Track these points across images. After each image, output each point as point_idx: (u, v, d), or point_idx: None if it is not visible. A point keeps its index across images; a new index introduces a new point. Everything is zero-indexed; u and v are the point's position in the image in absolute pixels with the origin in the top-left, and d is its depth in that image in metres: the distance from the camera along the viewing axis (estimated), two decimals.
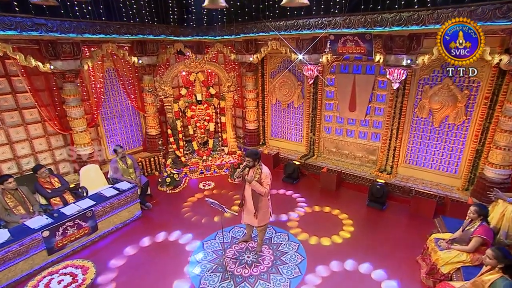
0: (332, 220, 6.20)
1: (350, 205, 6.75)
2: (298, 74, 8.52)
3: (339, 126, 8.17)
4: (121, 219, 6.08)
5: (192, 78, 8.44)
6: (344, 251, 5.27)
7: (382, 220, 6.22)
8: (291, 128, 9.13)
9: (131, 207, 6.23)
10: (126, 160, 6.67)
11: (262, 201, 4.75)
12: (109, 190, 6.08)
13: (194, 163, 8.52)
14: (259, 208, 4.76)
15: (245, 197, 4.86)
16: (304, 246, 5.37)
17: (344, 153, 8.27)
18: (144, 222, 6.28)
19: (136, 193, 6.33)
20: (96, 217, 5.61)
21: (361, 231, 5.84)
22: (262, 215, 4.85)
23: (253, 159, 4.57)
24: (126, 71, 8.32)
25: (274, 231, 5.81)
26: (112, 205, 5.87)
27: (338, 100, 7.96)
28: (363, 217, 6.34)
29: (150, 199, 7.07)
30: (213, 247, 5.42)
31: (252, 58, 8.48)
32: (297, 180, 7.93)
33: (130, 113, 8.77)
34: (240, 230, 5.87)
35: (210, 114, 8.72)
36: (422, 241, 5.28)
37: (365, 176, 7.49)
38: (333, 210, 6.57)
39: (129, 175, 6.65)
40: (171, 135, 8.24)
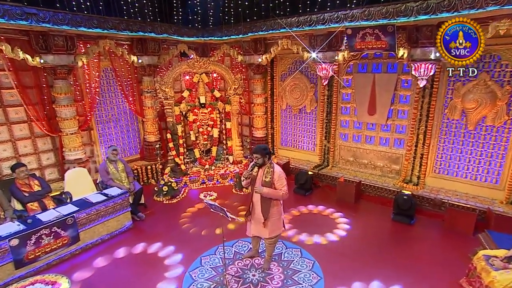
0: (353, 237, 5.45)
1: (372, 219, 6.04)
2: (311, 76, 8.04)
3: (357, 132, 7.56)
4: (108, 229, 5.42)
5: (195, 79, 7.97)
6: (369, 270, 4.52)
7: (412, 236, 5.46)
8: (303, 135, 8.56)
9: (120, 216, 5.59)
10: (117, 163, 6.11)
11: (274, 206, 4.12)
12: (96, 196, 5.48)
13: (195, 172, 7.92)
14: (270, 216, 4.12)
15: (253, 203, 4.23)
16: (321, 264, 4.61)
17: (363, 162, 7.60)
18: (134, 233, 5.62)
19: (127, 200, 5.72)
20: (78, 226, 4.96)
21: (387, 248, 5.07)
22: (273, 224, 4.19)
23: (262, 155, 3.98)
24: (124, 72, 7.91)
25: (284, 246, 5.08)
26: (98, 212, 5.23)
27: (355, 103, 7.41)
28: (389, 232, 5.59)
29: (143, 209, 6.44)
30: (212, 263, 4.70)
31: (260, 59, 8.08)
32: (310, 192, 7.27)
33: (127, 118, 8.30)
34: (245, 245, 5.16)
35: (214, 119, 8.20)
36: (463, 261, 4.54)
37: (388, 188, 6.77)
38: (353, 225, 5.81)
39: (120, 181, 6.08)
40: (170, 140, 7.68)
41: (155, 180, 7.81)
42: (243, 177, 4.07)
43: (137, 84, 8.18)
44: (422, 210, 6.24)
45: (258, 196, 4.07)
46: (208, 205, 4.08)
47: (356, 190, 6.77)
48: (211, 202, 4.03)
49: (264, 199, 4.03)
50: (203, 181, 7.74)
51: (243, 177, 4.08)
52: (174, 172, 7.73)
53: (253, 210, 4.23)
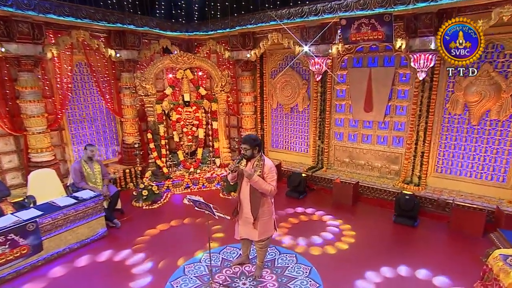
0: (353, 239, 5.12)
1: (372, 222, 5.76)
2: (303, 72, 7.82)
3: (353, 131, 7.34)
4: (78, 237, 4.95)
5: (179, 75, 7.64)
6: (373, 277, 4.16)
7: (416, 239, 5.18)
8: (295, 136, 8.30)
9: (92, 222, 5.13)
10: (93, 164, 5.68)
11: (264, 205, 3.80)
12: (65, 199, 5.02)
13: (179, 176, 7.51)
14: (260, 215, 3.80)
15: (240, 201, 3.91)
16: (319, 271, 4.25)
17: (360, 163, 7.36)
18: (109, 242, 5.17)
19: (101, 204, 5.27)
20: (42, 233, 4.48)
21: (390, 252, 4.76)
22: (263, 225, 3.86)
23: (251, 146, 3.68)
24: (101, 67, 7.54)
25: (278, 252, 4.71)
26: (67, 217, 4.77)
27: (351, 100, 7.20)
28: (391, 236, 5.30)
29: (120, 216, 6.00)
30: (197, 272, 4.29)
31: (249, 55, 7.83)
32: (304, 195, 6.97)
33: (104, 117, 7.89)
34: (234, 251, 4.77)
35: (200, 118, 7.85)
36: (474, 264, 4.29)
37: (388, 189, 6.51)
38: (354, 226, 5.50)
39: (95, 183, 5.65)
40: (151, 140, 7.26)
41: (134, 184, 7.36)
42: (229, 170, 3.75)
43: (115, 81, 7.80)
44: (424, 211, 5.99)
45: (246, 193, 3.77)
46: (192, 201, 3.73)
47: (354, 192, 6.50)
48: (195, 198, 3.66)
49: (253, 196, 3.72)
50: (188, 185, 7.37)
51: (228, 169, 3.76)
52: (155, 176, 7.30)
53: (241, 209, 3.92)
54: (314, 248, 4.86)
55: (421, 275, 4.21)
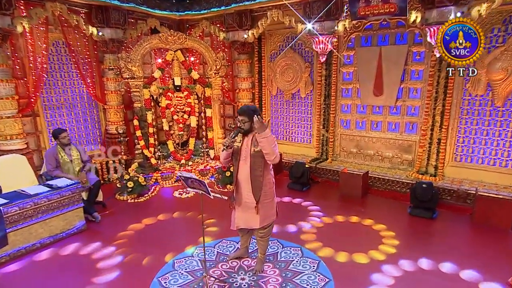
0: (365, 232, 4.83)
1: (385, 214, 5.45)
2: (306, 54, 7.54)
3: (361, 118, 7.07)
4: (52, 230, 4.57)
5: (169, 57, 7.32)
6: (391, 272, 3.83)
7: (436, 232, 4.89)
8: (297, 125, 8.02)
9: (69, 214, 4.76)
10: (70, 149, 5.35)
11: (266, 185, 3.52)
12: (36, 188, 4.65)
13: (169, 168, 7.17)
14: (262, 197, 3.50)
15: (238, 184, 3.60)
16: (328, 265, 3.91)
17: (369, 153, 7.08)
18: (87, 237, 4.80)
19: (78, 194, 4.91)
20: (7, 224, 4.08)
21: (409, 246, 4.44)
22: (265, 209, 3.57)
23: (250, 117, 3.38)
24: (81, 47, 7.15)
25: (280, 246, 4.37)
26: (38, 207, 4.39)
27: (359, 83, 6.93)
28: (408, 229, 5.00)
29: (101, 209, 5.65)
30: (188, 267, 3.94)
31: (246, 35, 7.53)
32: (308, 187, 6.67)
33: (84, 104, 7.50)
34: (230, 245, 4.43)
35: (192, 105, 7.53)
36: (505, 257, 4.04)
37: (401, 180, 6.22)
38: (363, 220, 5.21)
39: (73, 172, 5.31)
40: (137, 127, 6.91)
41: (117, 175, 6.97)
42: (223, 145, 3.44)
43: (98, 63, 7.44)
44: (443, 203, 5.69)
45: (245, 172, 3.47)
46: (183, 179, 3.40)
47: (363, 183, 6.21)
48: (186, 174, 3.32)
49: (254, 174, 3.43)
50: (178, 177, 6.98)
51: (223, 145, 3.45)
52: (142, 168, 6.95)
53: (238, 193, 3.61)
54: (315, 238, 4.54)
55: (446, 269, 3.89)
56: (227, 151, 3.50)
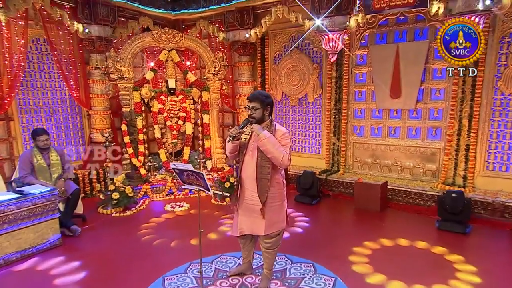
0: (398, 250, 4.45)
1: (409, 229, 5.09)
2: (314, 54, 7.41)
3: (377, 124, 6.85)
4: (20, 244, 4.19)
5: (163, 57, 7.18)
6: None
7: (472, 249, 4.57)
8: (304, 133, 7.79)
9: (41, 226, 4.40)
10: (50, 153, 5.09)
11: (274, 185, 3.28)
12: (4, 195, 4.31)
13: (160, 180, 6.87)
14: (269, 200, 3.23)
15: (242, 183, 3.35)
16: (346, 282, 3.55)
17: (386, 163, 6.81)
18: (62, 252, 4.42)
19: (54, 203, 4.57)
20: None
21: (443, 264, 4.07)
22: (273, 214, 3.28)
23: (262, 105, 3.19)
24: (64, 45, 6.97)
25: (289, 261, 4.01)
26: (4, 216, 4.02)
27: (373, 85, 6.74)
28: (438, 245, 4.57)
29: (81, 224, 5.29)
30: (181, 284, 3.54)
31: (248, 35, 7.45)
32: (317, 200, 6.37)
33: (66, 108, 7.26)
34: (231, 261, 4.07)
35: (187, 110, 7.35)
36: None
37: (425, 192, 5.92)
38: (386, 237, 4.82)
39: (50, 179, 5.01)
40: (126, 133, 6.65)
41: (101, 187, 6.65)
42: (229, 136, 3.18)
43: (83, 63, 7.24)
44: (475, 218, 5.33)
45: (251, 169, 3.23)
46: (177, 173, 3.17)
47: (382, 195, 5.90)
48: (181, 165, 3.11)
49: (261, 172, 3.19)
50: (171, 190, 6.74)
51: (229, 136, 3.19)
52: (130, 179, 6.64)
53: (242, 193, 3.35)
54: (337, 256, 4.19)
55: None
56: (233, 144, 3.26)
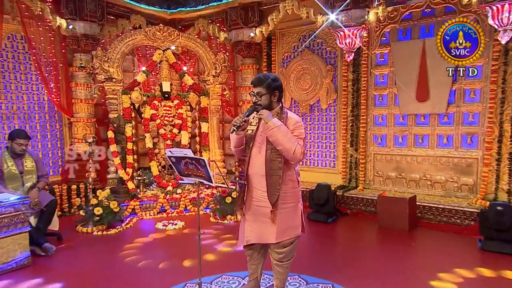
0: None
1: (447, 251, 4.82)
2: (327, 55, 7.37)
3: (401, 131, 6.69)
4: None
5: (156, 57, 7.11)
6: None
7: None
8: (317, 144, 7.67)
9: (6, 241, 4.10)
10: (24, 159, 4.96)
11: (288, 182, 3.08)
12: None
13: (151, 197, 6.68)
14: (281, 200, 3.03)
15: (249, 181, 3.16)
16: None
17: (413, 177, 6.59)
18: (31, 274, 4.12)
19: (24, 214, 4.30)
20: None
21: None
22: (286, 217, 3.07)
23: (269, 90, 3.07)
24: (45, 43, 6.88)
25: (304, 282, 3.75)
26: None
27: (396, 87, 6.63)
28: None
29: (55, 241, 5.02)
30: None
31: (253, 34, 7.48)
32: (334, 218, 6.14)
33: (44, 115, 7.12)
34: (233, 281, 3.81)
35: (184, 116, 7.21)
36: None
37: (462, 208, 5.63)
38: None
39: (22, 188, 4.84)
40: (112, 141, 6.45)
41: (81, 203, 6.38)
42: (233, 126, 3.02)
43: (65, 64, 7.16)
44: None
45: (259, 165, 3.05)
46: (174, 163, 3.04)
47: (411, 211, 5.63)
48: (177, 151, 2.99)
49: (271, 166, 2.99)
50: (163, 207, 6.50)
51: (232, 125, 3.02)
52: (116, 195, 6.38)
53: (249, 193, 3.15)
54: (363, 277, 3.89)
55: None
56: (237, 135, 3.10)
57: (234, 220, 5.92)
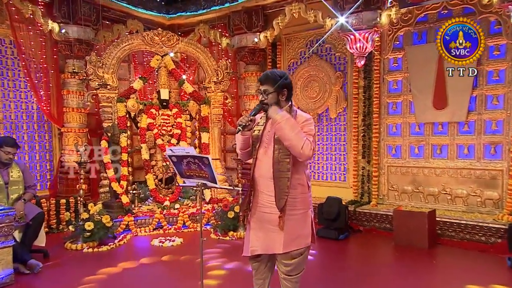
0: None
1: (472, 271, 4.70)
2: (336, 60, 7.41)
3: (417, 142, 6.63)
4: None
5: (154, 63, 7.11)
6: None
7: None
8: (326, 156, 7.66)
9: None
10: (9, 169, 4.89)
11: (297, 187, 2.98)
12: None
13: (147, 212, 6.57)
14: (290, 206, 2.94)
15: (255, 185, 3.07)
16: None
17: (431, 192, 6.48)
18: None
19: (7, 227, 4.19)
20: None
21: None
22: (295, 225, 2.97)
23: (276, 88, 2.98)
24: (35, 48, 6.96)
25: None
26: None
27: (412, 94, 6.60)
28: None
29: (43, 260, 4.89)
30: None
31: (257, 39, 7.52)
32: (346, 235, 6.05)
33: (33, 125, 7.18)
34: None
35: (183, 126, 7.18)
36: None
37: (486, 224, 5.51)
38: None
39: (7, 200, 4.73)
40: (106, 151, 6.39)
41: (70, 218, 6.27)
42: (239, 126, 2.96)
43: (57, 71, 7.24)
44: None
45: (266, 166, 2.97)
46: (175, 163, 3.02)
47: (430, 227, 5.52)
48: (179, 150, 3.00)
49: (279, 168, 2.91)
50: (159, 224, 6.38)
51: (238, 125, 2.96)
52: (108, 210, 6.26)
53: (255, 198, 3.07)
54: None
55: None
56: (243, 135, 3.03)
57: (237, 236, 5.81)
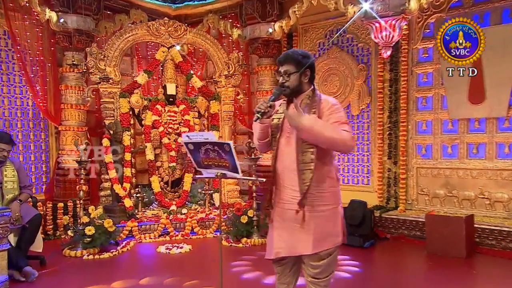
0: None
1: None
2: (359, 52, 7.40)
3: (451, 140, 6.57)
4: None
5: (160, 56, 7.13)
6: None
7: None
8: (347, 157, 7.61)
9: None
10: (3, 168, 4.87)
11: (325, 180, 2.85)
12: None
13: (152, 217, 6.57)
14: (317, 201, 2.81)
15: (278, 178, 2.93)
16: None
17: (467, 196, 6.38)
18: None
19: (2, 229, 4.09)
20: None
21: None
22: (323, 223, 2.83)
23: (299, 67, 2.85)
24: (31, 39, 6.97)
25: None
26: None
27: (444, 88, 6.55)
28: None
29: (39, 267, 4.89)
30: None
31: (272, 29, 7.53)
32: (372, 243, 5.99)
33: (28, 123, 7.17)
34: None
35: (191, 124, 7.18)
36: None
37: None
38: None
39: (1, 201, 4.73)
40: (107, 150, 6.38)
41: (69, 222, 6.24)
42: (257, 113, 2.82)
43: (54, 64, 7.23)
44: None
45: (290, 158, 2.85)
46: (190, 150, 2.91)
47: (468, 233, 5.40)
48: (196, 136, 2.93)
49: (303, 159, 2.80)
50: (165, 230, 6.38)
51: (256, 113, 2.83)
52: (110, 214, 6.24)
53: (278, 193, 2.93)
54: None
55: None
56: (261, 124, 2.91)
57: (251, 243, 5.78)
